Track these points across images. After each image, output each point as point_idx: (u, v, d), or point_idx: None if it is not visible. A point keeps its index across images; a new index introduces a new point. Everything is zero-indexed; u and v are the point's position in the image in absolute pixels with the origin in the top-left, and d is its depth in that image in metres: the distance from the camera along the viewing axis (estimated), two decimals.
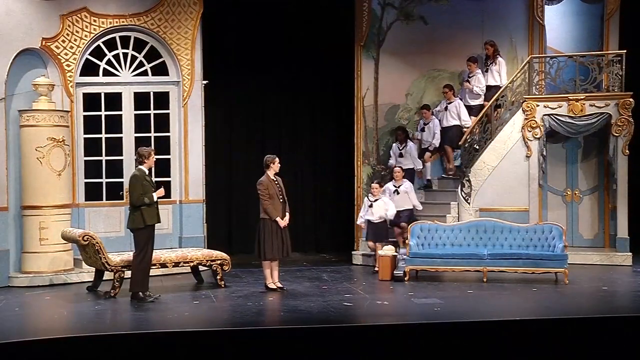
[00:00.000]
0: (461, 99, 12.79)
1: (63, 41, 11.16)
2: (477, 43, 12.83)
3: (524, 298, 9.52)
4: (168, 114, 11.88)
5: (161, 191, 9.48)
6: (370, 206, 11.36)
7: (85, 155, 11.48)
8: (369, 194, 11.60)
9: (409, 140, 12.61)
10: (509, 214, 11.75)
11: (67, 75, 11.19)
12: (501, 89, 12.36)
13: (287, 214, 9.95)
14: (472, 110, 12.67)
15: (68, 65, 11.20)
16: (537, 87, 12.28)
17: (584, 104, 11.92)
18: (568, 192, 12.70)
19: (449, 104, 12.62)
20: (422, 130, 12.76)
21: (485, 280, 10.38)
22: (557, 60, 12.18)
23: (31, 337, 7.71)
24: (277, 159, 10.03)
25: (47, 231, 10.68)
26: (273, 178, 9.96)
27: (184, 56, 11.77)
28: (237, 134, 13.62)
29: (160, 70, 11.80)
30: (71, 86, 11.23)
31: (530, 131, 12.09)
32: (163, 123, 11.84)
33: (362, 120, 13.02)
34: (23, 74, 10.95)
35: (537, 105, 12.06)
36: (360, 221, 11.73)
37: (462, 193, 11.97)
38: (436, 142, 12.63)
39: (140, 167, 9.47)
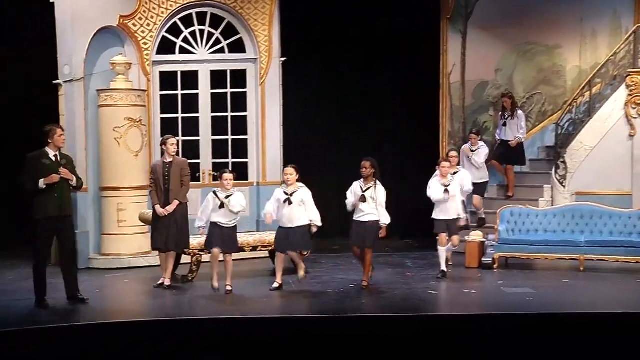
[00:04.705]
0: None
1: (140, 19, 11.04)
2: (574, 14, 11.99)
3: (625, 290, 9.04)
4: (245, 92, 11.67)
5: (51, 178, 7.77)
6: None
7: (161, 136, 11.29)
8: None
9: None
10: (608, 199, 10.99)
11: (144, 54, 11.11)
12: (599, 66, 11.44)
13: (175, 202, 9.05)
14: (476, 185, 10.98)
15: (145, 44, 11.10)
16: None
17: None
18: None
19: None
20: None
21: (582, 269, 9.90)
22: None
23: (111, 319, 7.73)
24: (170, 139, 9.13)
25: (124, 213, 10.65)
26: (167, 161, 9.19)
27: (261, 32, 11.51)
28: (314, 114, 13.18)
29: (237, 47, 11.62)
30: (148, 65, 11.16)
31: (634, 108, 11.26)
32: (240, 102, 11.65)
33: (447, 99, 12.51)
34: (101, 53, 10.92)
35: None
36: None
37: (557, 175, 11.39)
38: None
39: (45, 148, 7.92)
